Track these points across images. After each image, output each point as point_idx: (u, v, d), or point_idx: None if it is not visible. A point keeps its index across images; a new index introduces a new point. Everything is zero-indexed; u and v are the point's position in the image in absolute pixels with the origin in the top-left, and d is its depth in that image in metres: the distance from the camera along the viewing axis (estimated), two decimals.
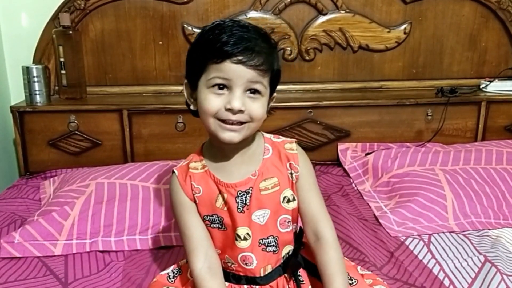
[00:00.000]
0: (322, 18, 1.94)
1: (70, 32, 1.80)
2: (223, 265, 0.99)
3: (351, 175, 1.75)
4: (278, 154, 0.99)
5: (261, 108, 0.91)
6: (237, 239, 0.96)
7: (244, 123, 0.90)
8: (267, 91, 0.93)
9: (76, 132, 1.78)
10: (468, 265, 1.20)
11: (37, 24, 1.86)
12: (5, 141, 1.93)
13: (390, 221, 1.42)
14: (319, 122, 1.85)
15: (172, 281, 1.04)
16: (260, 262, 0.97)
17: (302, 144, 1.78)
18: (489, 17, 1.99)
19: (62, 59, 1.81)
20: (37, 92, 1.77)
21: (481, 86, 1.98)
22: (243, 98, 0.89)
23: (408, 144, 1.88)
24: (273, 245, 0.98)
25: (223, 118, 0.89)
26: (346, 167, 1.79)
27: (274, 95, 0.99)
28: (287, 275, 1.01)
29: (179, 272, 1.05)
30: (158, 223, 1.36)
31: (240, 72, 0.87)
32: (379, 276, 1.11)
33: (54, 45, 1.82)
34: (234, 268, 0.99)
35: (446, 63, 2.03)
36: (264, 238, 0.97)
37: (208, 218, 0.98)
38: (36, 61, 1.87)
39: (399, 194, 1.54)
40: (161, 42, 1.90)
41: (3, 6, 1.90)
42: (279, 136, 1.03)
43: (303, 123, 1.84)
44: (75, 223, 1.33)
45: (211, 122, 0.90)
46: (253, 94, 0.90)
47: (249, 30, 0.90)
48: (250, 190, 0.95)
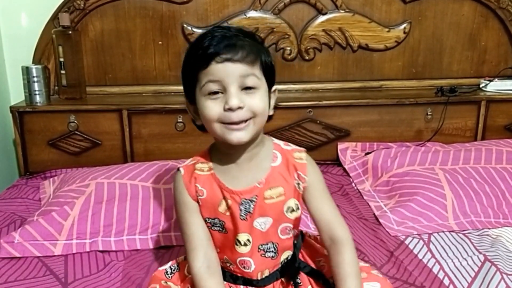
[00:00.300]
0: (322, 18, 1.94)
1: (70, 32, 1.80)
2: (222, 264, 1.00)
3: (351, 175, 1.75)
4: (286, 162, 0.97)
5: (260, 101, 0.90)
6: (237, 244, 0.96)
7: (247, 120, 0.89)
8: (263, 83, 0.92)
9: (76, 132, 1.78)
10: (468, 264, 1.20)
11: (36, 24, 1.86)
12: (5, 141, 1.93)
13: (390, 220, 1.42)
14: (319, 122, 1.85)
15: (169, 276, 1.04)
16: (258, 267, 0.98)
17: (302, 143, 1.78)
18: (488, 16, 1.99)
19: (61, 59, 1.81)
20: (36, 92, 1.77)
21: (480, 86, 1.98)
22: (239, 95, 0.88)
23: (408, 143, 1.88)
24: (272, 251, 0.98)
25: (226, 120, 0.88)
26: (346, 167, 1.79)
27: (275, 89, 0.97)
28: (285, 280, 1.01)
29: (177, 268, 1.06)
30: (158, 223, 1.36)
31: (228, 69, 0.87)
32: None
33: (53, 45, 1.82)
34: (232, 268, 0.99)
35: (445, 63, 2.03)
36: (263, 244, 0.97)
37: (209, 220, 0.97)
38: (35, 61, 1.87)
39: (399, 193, 1.54)
40: (160, 42, 1.90)
41: (3, 6, 1.90)
42: (289, 144, 1.02)
43: (303, 123, 1.84)
44: (75, 223, 1.33)
45: (216, 127, 0.90)
46: (248, 90, 0.89)
47: (230, 30, 0.92)
48: (255, 199, 0.94)
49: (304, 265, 1.03)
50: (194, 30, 1.88)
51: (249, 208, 0.94)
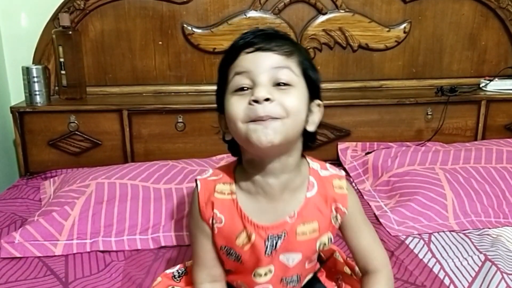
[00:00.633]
0: (322, 18, 1.94)
1: (70, 32, 1.80)
2: (235, 285, 0.93)
3: (351, 175, 1.75)
4: (324, 192, 0.84)
5: (295, 99, 0.76)
6: (255, 276, 0.86)
7: (277, 119, 0.74)
8: (301, 82, 0.78)
9: (76, 132, 1.78)
10: (468, 264, 1.20)
11: (37, 24, 1.86)
12: (5, 141, 1.93)
13: (390, 220, 1.42)
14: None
15: (178, 280, 1.01)
16: None
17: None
18: (488, 16, 1.99)
19: (62, 59, 1.81)
20: (37, 92, 1.77)
21: (481, 85, 1.98)
22: (269, 88, 0.75)
23: (408, 143, 1.88)
24: (295, 280, 0.90)
25: (252, 117, 0.74)
26: (346, 167, 1.79)
27: (320, 103, 0.83)
28: None
29: (185, 272, 1.03)
30: (159, 223, 1.36)
31: (258, 59, 0.76)
32: None
33: (54, 45, 1.82)
34: None
35: (446, 62, 2.03)
36: (287, 277, 0.88)
37: (225, 249, 0.86)
38: (36, 61, 1.87)
39: (399, 193, 1.54)
40: (160, 42, 1.90)
41: (3, 6, 1.90)
42: (326, 165, 0.89)
43: None
44: (76, 223, 1.33)
45: (241, 128, 0.75)
46: (282, 86, 0.76)
47: (265, 29, 0.82)
48: (284, 235, 0.82)
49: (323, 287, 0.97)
50: (194, 30, 1.88)
51: (276, 244, 0.82)
